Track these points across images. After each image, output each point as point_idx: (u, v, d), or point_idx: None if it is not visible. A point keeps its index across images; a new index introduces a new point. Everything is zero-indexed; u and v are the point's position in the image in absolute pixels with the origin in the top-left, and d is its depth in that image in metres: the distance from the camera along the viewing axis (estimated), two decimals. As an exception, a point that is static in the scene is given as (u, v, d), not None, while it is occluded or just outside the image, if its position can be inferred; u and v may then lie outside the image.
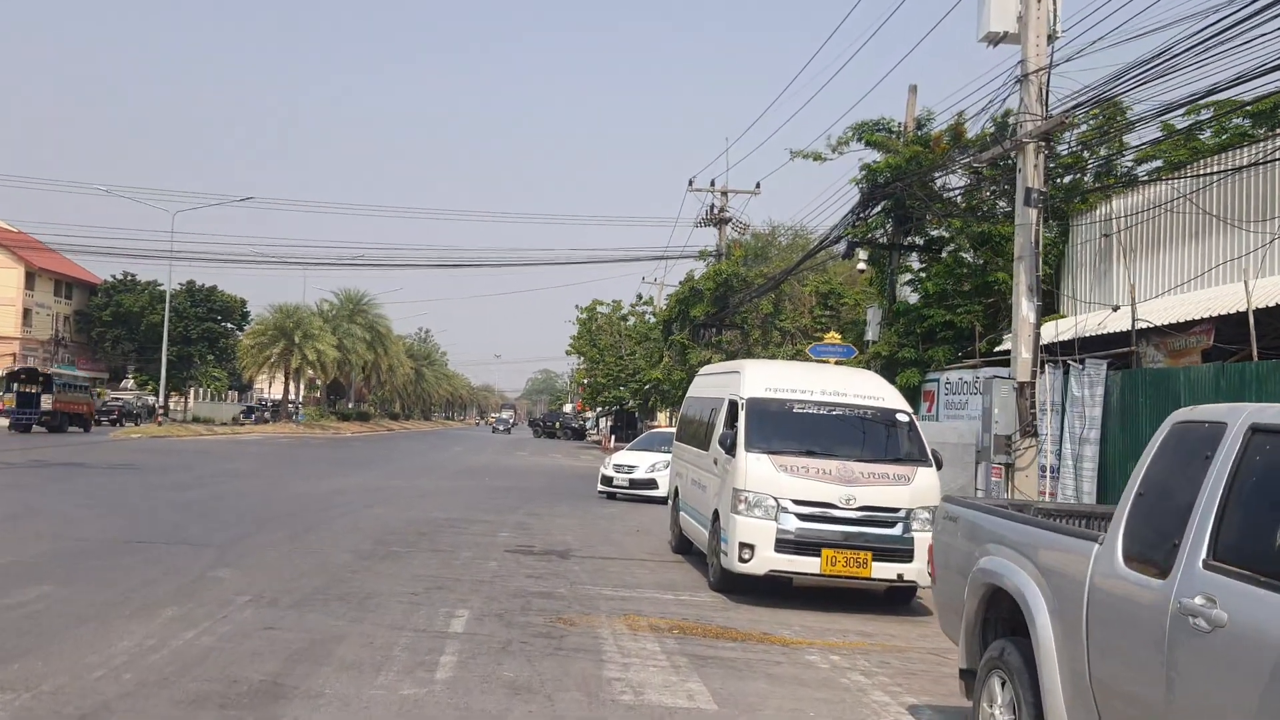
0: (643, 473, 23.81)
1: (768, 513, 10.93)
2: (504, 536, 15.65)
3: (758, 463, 11.15)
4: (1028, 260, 13.83)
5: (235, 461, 31.35)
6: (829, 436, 11.66)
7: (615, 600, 10.74)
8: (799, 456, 11.22)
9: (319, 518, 16.72)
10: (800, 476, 10.99)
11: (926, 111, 22.87)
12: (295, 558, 12.42)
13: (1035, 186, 13.70)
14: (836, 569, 10.77)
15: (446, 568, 12.32)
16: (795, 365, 13.48)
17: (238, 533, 14.42)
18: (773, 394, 11.91)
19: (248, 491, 21.00)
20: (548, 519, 18.67)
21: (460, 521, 17.29)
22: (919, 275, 22.48)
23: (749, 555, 10.90)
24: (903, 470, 11.23)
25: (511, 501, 21.89)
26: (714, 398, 13.49)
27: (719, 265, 41.32)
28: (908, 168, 21.62)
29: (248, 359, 68.85)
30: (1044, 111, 13.71)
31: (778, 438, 11.54)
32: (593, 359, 66.09)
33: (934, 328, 20.94)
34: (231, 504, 18.32)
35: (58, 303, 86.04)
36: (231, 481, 23.27)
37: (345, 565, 12.05)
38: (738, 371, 12.68)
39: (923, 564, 10.88)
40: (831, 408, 11.83)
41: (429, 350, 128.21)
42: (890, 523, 10.95)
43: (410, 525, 16.30)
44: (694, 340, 43.33)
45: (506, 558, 13.44)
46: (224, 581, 10.59)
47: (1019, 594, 5.27)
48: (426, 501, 20.74)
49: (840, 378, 12.70)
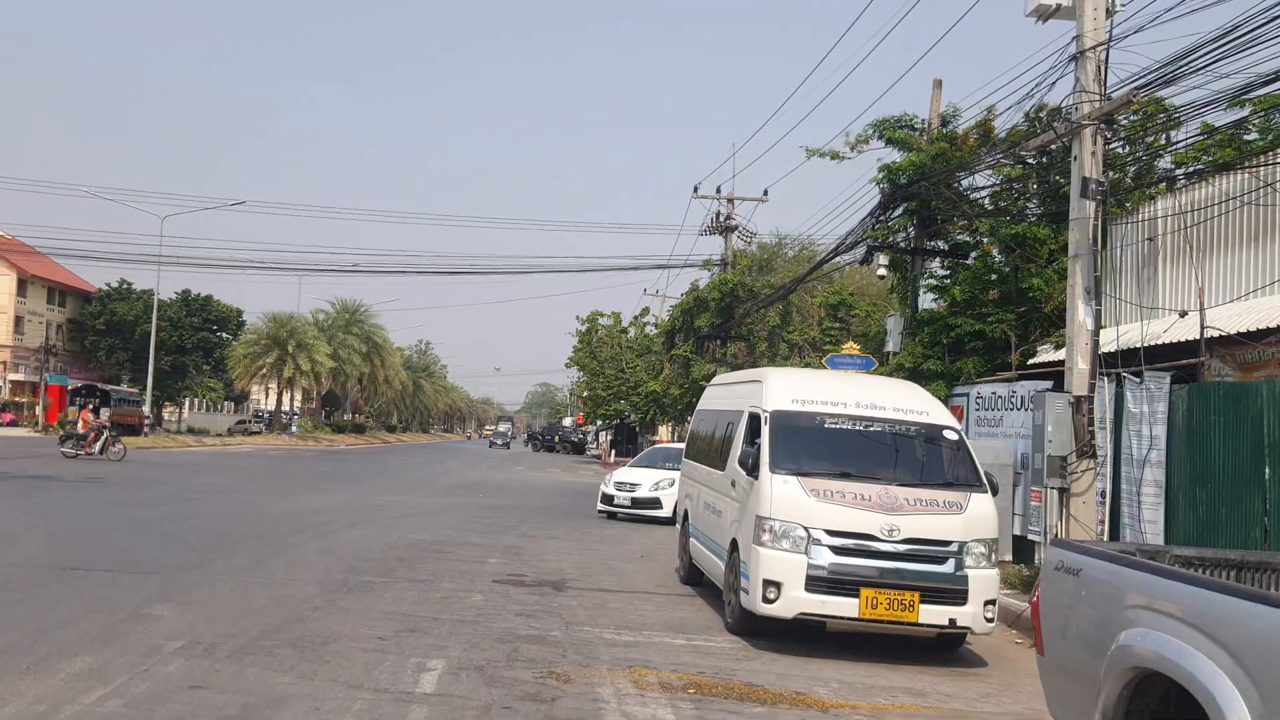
0: (646, 491, 22.22)
1: (797, 545, 9.36)
2: (493, 564, 14.06)
3: (785, 486, 9.58)
4: (1084, 259, 12.30)
5: (217, 475, 29.76)
6: (866, 456, 10.10)
7: (618, 647, 9.16)
8: (833, 479, 9.65)
9: (290, 540, 15.13)
10: (835, 502, 9.42)
11: (952, 107, 21.41)
12: (251, 590, 10.83)
13: (1093, 176, 12.17)
14: (878, 612, 9.18)
15: (425, 603, 10.74)
16: (824, 374, 11.96)
17: (194, 558, 12.84)
18: (801, 406, 10.35)
19: (219, 509, 19.41)
20: (543, 542, 17.08)
21: (446, 545, 15.70)
22: (944, 281, 20.93)
23: (775, 595, 9.32)
24: (953, 496, 9.66)
25: (504, 522, 20.30)
26: (730, 410, 11.92)
27: (725, 275, 39.83)
28: (933, 166, 20.13)
29: (240, 368, 67.28)
30: (1102, 92, 12.19)
31: (807, 457, 9.98)
32: (593, 371, 64.56)
33: (962, 338, 19.39)
34: (197, 523, 16.74)
35: (50, 310, 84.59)
36: (205, 498, 21.68)
37: (307, 600, 10.46)
38: (759, 381, 11.12)
39: (978, 607, 9.34)
40: (868, 423, 10.27)
41: (428, 363, 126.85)
42: (940, 558, 9.38)
43: (390, 550, 14.72)
44: (698, 352, 41.79)
45: (494, 590, 11.86)
46: (158, 621, 9.01)
47: (1199, 688, 3.69)
48: (412, 521, 19.14)
49: (876, 389, 11.13)
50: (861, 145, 21.96)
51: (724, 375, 14.76)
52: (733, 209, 41.44)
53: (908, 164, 20.47)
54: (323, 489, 26.57)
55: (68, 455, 32.22)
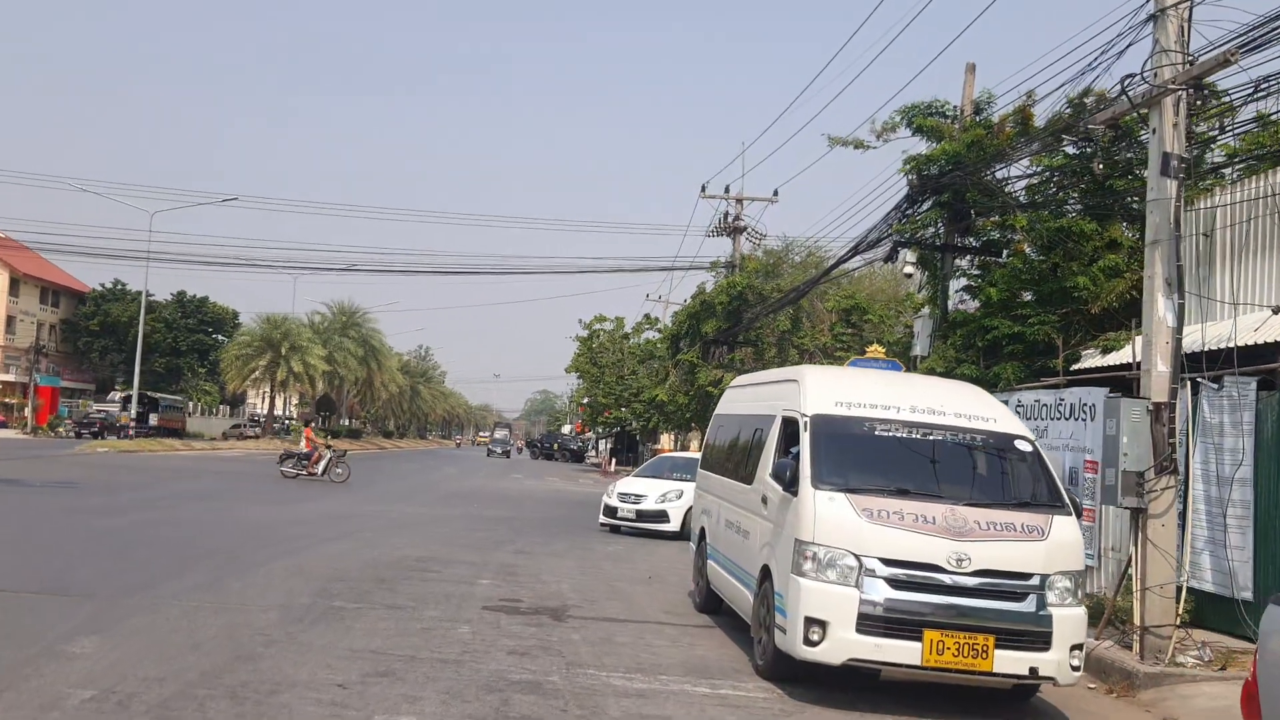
0: (652, 503, 20.64)
1: (846, 576, 7.79)
2: (484, 585, 12.48)
3: (831, 505, 8.01)
4: (1165, 245, 10.73)
5: (198, 481, 28.18)
6: (926, 469, 8.54)
7: (630, 698, 7.59)
8: (888, 497, 8.09)
9: (258, 556, 13.55)
10: (892, 525, 7.85)
11: (986, 93, 19.89)
12: (199, 618, 9.26)
13: (1175, 151, 10.61)
14: (944, 659, 7.61)
15: (401, 635, 9.17)
16: (868, 374, 10.39)
17: (142, 577, 11.26)
18: (846, 410, 8.79)
19: (189, 519, 17.83)
20: (541, 559, 15.50)
21: (434, 562, 14.13)
22: (977, 280, 19.38)
23: (819, 636, 7.75)
24: (1032, 519, 8.09)
25: (500, 535, 18.72)
26: (758, 415, 10.36)
27: (733, 278, 38.25)
28: (967, 155, 18.60)
29: (232, 371, 65.61)
30: (1185, 56, 10.66)
31: (856, 470, 8.41)
32: (593, 378, 63.02)
33: (999, 340, 17.85)
34: (160, 535, 15.17)
35: (43, 310, 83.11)
36: (177, 506, 20.10)
37: (263, 631, 8.89)
38: (794, 380, 9.54)
39: (1062, 653, 7.78)
40: (927, 430, 8.70)
41: (426, 368, 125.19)
42: (1019, 593, 7.81)
43: (369, 568, 13.14)
44: (704, 358, 40.21)
45: (484, 618, 10.29)
46: (75, 661, 7.44)
47: None
48: (399, 534, 17.56)
49: (932, 390, 9.56)
50: (888, 134, 20.44)
51: (749, 375, 13.17)
52: (741, 209, 39.96)
53: (940, 153, 18.95)
54: (307, 497, 24.97)
55: (287, 475, 30.14)
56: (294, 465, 30.54)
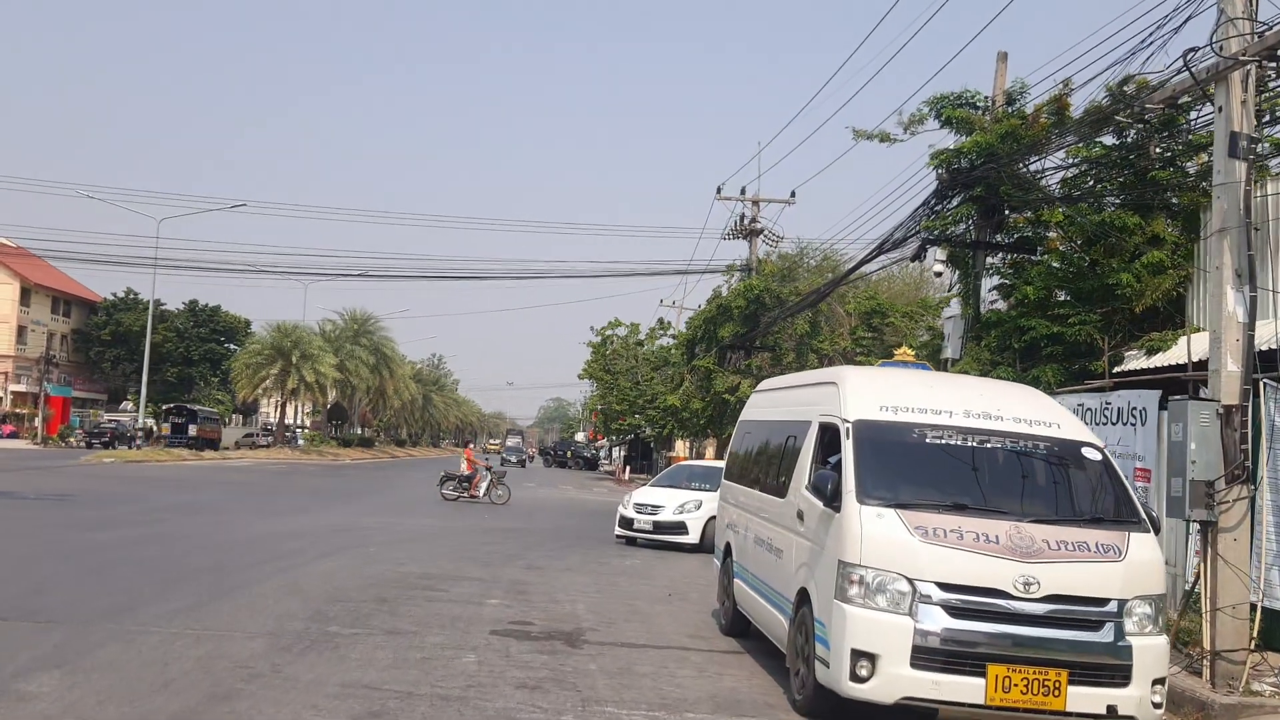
0: (670, 514, 19.73)
1: (898, 602, 6.88)
2: (493, 606, 11.59)
3: (880, 522, 7.10)
4: (1234, 233, 9.80)
5: (200, 492, 27.37)
6: (985, 481, 7.61)
7: (655, 743, 6.68)
8: (944, 513, 7.17)
9: (251, 573, 12.70)
10: (949, 545, 6.94)
11: (1019, 83, 18.92)
12: (177, 648, 8.39)
13: (1245, 130, 9.69)
14: (1011, 696, 6.68)
15: (400, 667, 8.29)
16: (914, 374, 9.48)
17: (121, 600, 10.42)
18: (893, 415, 7.87)
19: (184, 533, 17.00)
20: (553, 575, 14.61)
21: (439, 580, 13.25)
22: (1011, 279, 18.40)
23: (867, 671, 6.84)
24: (1107, 537, 7.16)
25: (510, 548, 17.83)
26: (791, 421, 9.45)
27: (750, 281, 37.33)
28: (1001, 147, 17.67)
29: (242, 379, 64.93)
30: (1253, 26, 9.74)
31: (906, 482, 7.51)
32: (607, 384, 62.11)
33: (1036, 341, 16.89)
34: (149, 552, 14.34)
35: (55, 321, 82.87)
36: (175, 518, 19.27)
37: (245, 663, 8.02)
38: (833, 383, 8.61)
39: (1144, 689, 6.87)
40: (984, 437, 7.78)
41: (439, 376, 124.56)
42: (1094, 621, 6.88)
43: (369, 586, 12.27)
44: (720, 364, 39.30)
45: (492, 645, 9.40)
46: (28, 701, 6.59)
47: None
48: (404, 548, 16.68)
49: (987, 393, 8.62)
50: (915, 126, 19.51)
51: (778, 378, 12.24)
52: (758, 211, 39.06)
53: (971, 145, 18.01)
54: (313, 508, 24.16)
55: (448, 498, 29.08)
56: (454, 488, 29.55)
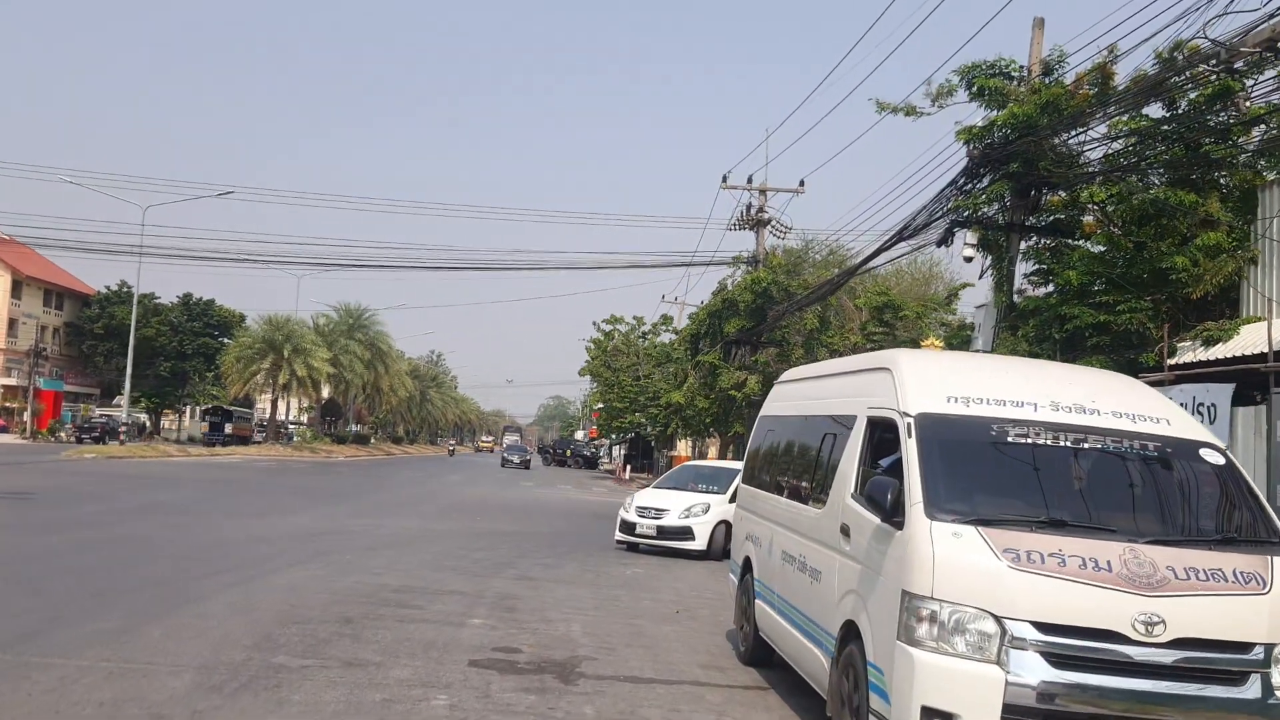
0: (675, 518, 18.18)
1: (983, 647, 5.34)
2: (475, 627, 10.04)
3: (958, 543, 5.55)
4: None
5: (175, 490, 25.81)
6: (1086, 492, 6.07)
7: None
8: (1040, 531, 5.62)
9: (203, 585, 11.17)
10: (1049, 573, 5.39)
11: (1057, 51, 17.37)
12: (82, 687, 6.85)
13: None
14: (1133, 772, 5.14)
15: (351, 715, 6.74)
16: (983, 359, 7.96)
17: (36, 620, 8.88)
18: (965, 409, 6.31)
19: (142, 536, 15.45)
20: (546, 588, 13.06)
21: (417, 594, 11.71)
22: (1049, 263, 16.84)
23: (945, 734, 5.29)
24: (1245, 563, 5.61)
25: (500, 555, 16.29)
26: (830, 416, 7.89)
27: (757, 273, 35.76)
28: (1040, 120, 16.13)
29: (233, 374, 63.35)
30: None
31: (986, 492, 5.97)
32: (608, 382, 60.56)
33: (1079, 331, 15.38)
34: (92, 559, 12.79)
35: (47, 313, 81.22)
36: (135, 521, 17.69)
37: (158, 711, 6.47)
38: (886, 369, 7.03)
39: (1300, 762, 5.28)
40: (1079, 435, 6.22)
41: (436, 372, 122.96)
42: (1236, 673, 5.34)
43: (336, 602, 10.73)
44: (725, 359, 37.73)
45: (469, 681, 7.85)
46: None
47: None
48: (382, 556, 15.14)
49: (1074, 381, 7.02)
50: (944, 98, 17.98)
51: (808, 366, 10.61)
52: (765, 201, 37.49)
53: (1007, 117, 16.48)
54: (293, 508, 22.60)
55: None
56: None
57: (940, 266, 47.21)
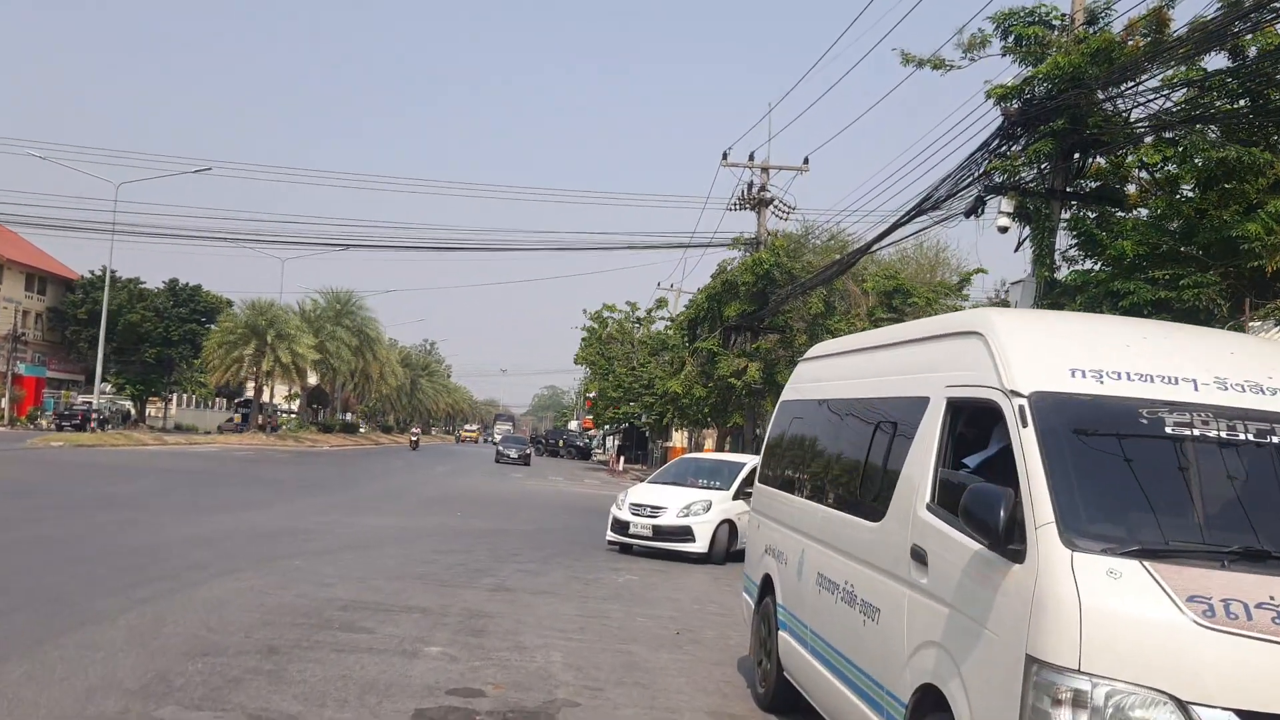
0: (673, 517, 16.33)
1: (1160, 748, 3.46)
2: (431, 658, 8.16)
3: (1116, 586, 3.66)
4: None
5: (134, 482, 23.88)
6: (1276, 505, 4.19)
7: None
8: (1233, 568, 3.75)
9: (109, 602, 9.27)
10: (1258, 635, 3.52)
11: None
12: None
13: None
14: None
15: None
16: (1097, 318, 6.08)
17: None
18: (1099, 387, 4.41)
19: (67, 537, 13.54)
20: (525, 602, 11.19)
21: (368, 611, 9.83)
22: (1097, 233, 14.94)
23: None
24: None
25: (477, 558, 14.44)
26: (888, 399, 5.99)
27: (759, 255, 33.86)
28: (1089, 71, 14.25)
29: (215, 360, 61.38)
30: None
31: (1144, 508, 4.08)
32: (602, 370, 58.70)
33: (1136, 308, 13.49)
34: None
35: (29, 298, 79.17)
36: (68, 517, 15.75)
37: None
38: (976, 333, 5.05)
39: None
40: (1264, 425, 4.34)
41: (428, 361, 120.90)
42: None
43: (263, 624, 8.85)
44: (724, 346, 35.85)
45: (409, 743, 5.97)
46: None
47: None
48: (341, 560, 13.26)
49: (1237, 350, 5.07)
50: (976, 50, 16.07)
51: (844, 339, 8.57)
52: (767, 179, 35.55)
53: (1050, 68, 14.58)
54: (255, 503, 20.70)
55: None
56: None
57: (947, 252, 45.38)
